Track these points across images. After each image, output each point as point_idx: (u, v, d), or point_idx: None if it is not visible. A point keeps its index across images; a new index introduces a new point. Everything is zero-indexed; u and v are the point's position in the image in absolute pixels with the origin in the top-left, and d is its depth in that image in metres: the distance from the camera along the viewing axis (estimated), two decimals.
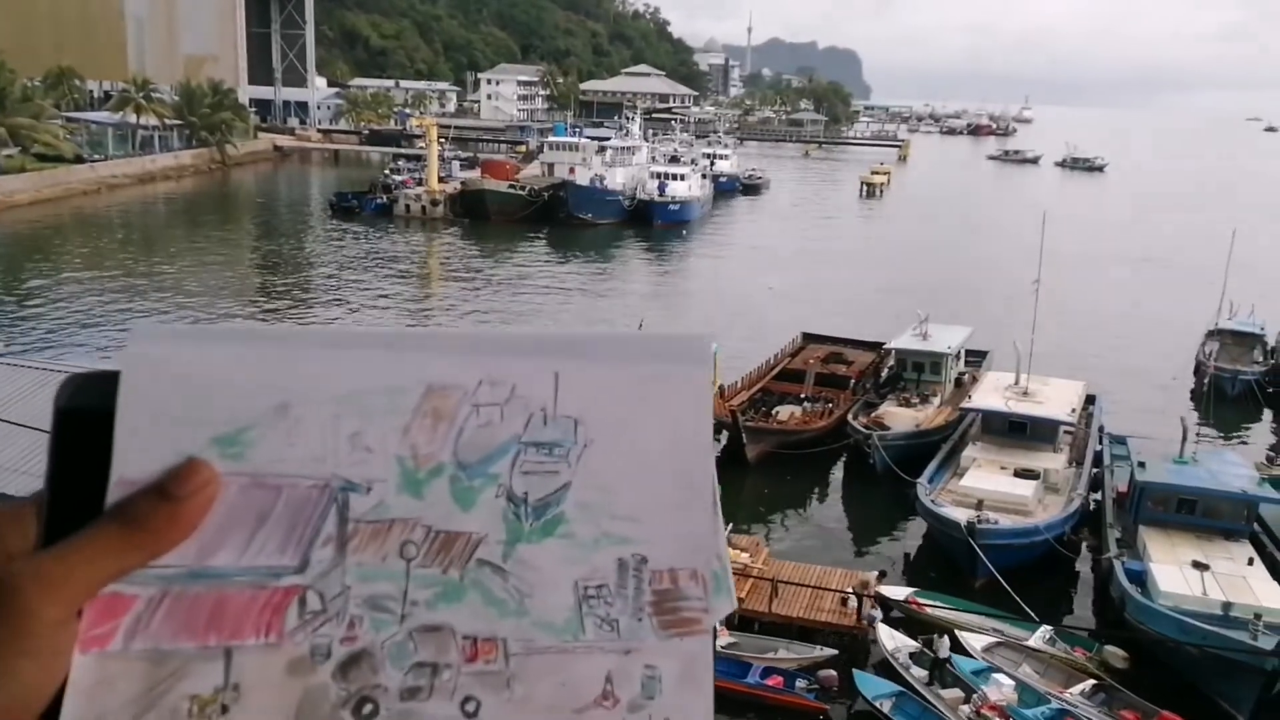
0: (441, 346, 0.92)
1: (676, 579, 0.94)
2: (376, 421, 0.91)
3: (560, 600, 0.93)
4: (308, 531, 0.90)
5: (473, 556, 0.92)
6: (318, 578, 0.90)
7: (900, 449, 34.21)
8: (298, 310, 58.09)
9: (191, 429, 0.88)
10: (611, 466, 0.93)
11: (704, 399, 0.95)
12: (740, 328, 51.40)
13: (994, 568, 26.89)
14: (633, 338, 0.95)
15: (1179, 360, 50.85)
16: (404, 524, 0.91)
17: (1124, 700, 22.90)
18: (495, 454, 0.92)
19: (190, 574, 0.88)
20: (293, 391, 0.89)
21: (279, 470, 0.89)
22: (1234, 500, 28.30)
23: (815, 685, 22.97)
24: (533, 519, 0.93)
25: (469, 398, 0.92)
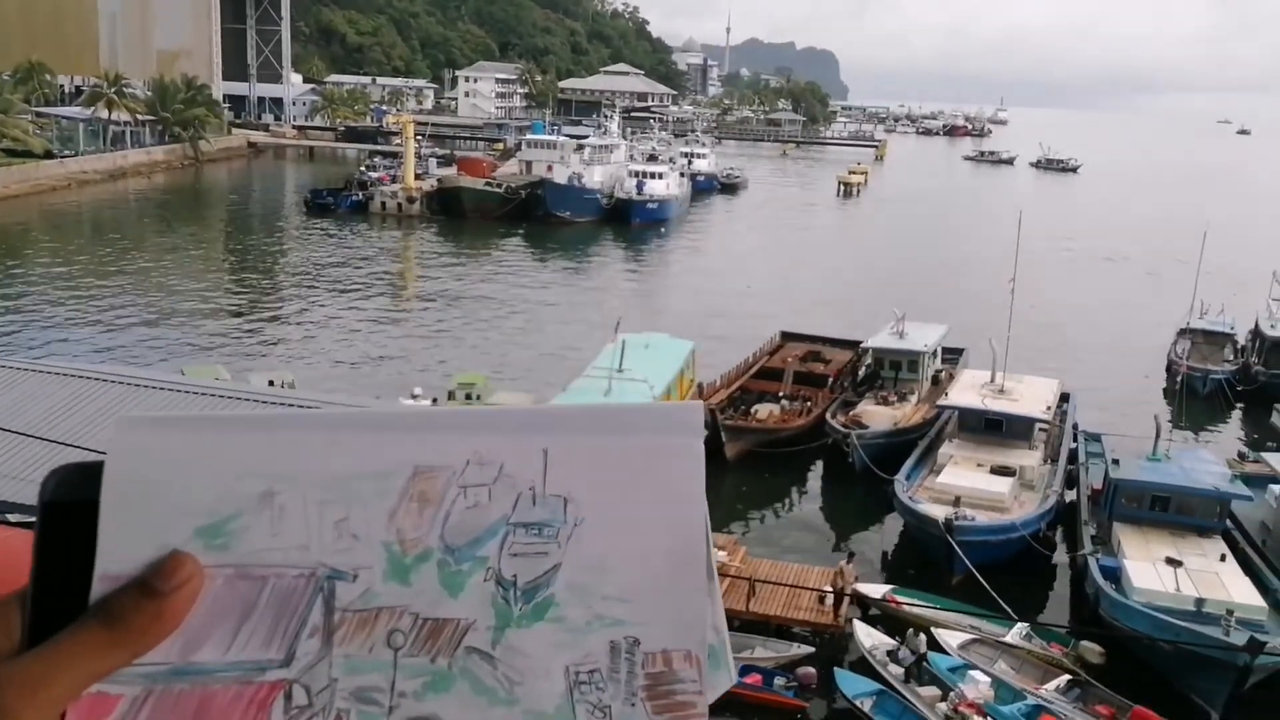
0: (428, 425, 0.90)
1: (670, 661, 0.91)
2: (363, 507, 0.89)
3: (551, 687, 0.90)
4: (294, 623, 0.88)
5: (461, 644, 0.90)
6: (304, 671, 0.88)
7: (878, 447, 34.38)
8: (272, 311, 57.81)
9: (175, 520, 0.86)
10: (602, 545, 0.91)
11: (697, 471, 0.92)
12: (718, 326, 51.57)
13: (971, 564, 27.04)
14: (622, 410, 0.93)
15: (1151, 359, 51.27)
16: (391, 612, 0.89)
17: (1099, 696, 23.10)
18: (483, 536, 0.90)
19: (174, 671, 0.86)
20: (277, 478, 0.88)
21: (264, 560, 0.88)
22: (1206, 497, 28.58)
23: (794, 683, 23.06)
24: (522, 603, 0.90)
25: (456, 478, 0.90)
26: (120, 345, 47.96)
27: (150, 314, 54.06)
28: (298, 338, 51.53)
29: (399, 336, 52.94)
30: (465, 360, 46.89)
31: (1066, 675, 23.72)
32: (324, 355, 48.21)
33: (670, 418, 0.92)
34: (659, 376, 35.63)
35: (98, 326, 51.30)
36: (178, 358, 44.73)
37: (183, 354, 45.98)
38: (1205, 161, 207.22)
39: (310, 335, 52.03)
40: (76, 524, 0.85)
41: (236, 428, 0.88)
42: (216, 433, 0.87)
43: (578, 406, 0.92)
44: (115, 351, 46.44)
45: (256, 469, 0.87)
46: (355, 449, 0.88)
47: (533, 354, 49.06)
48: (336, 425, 0.89)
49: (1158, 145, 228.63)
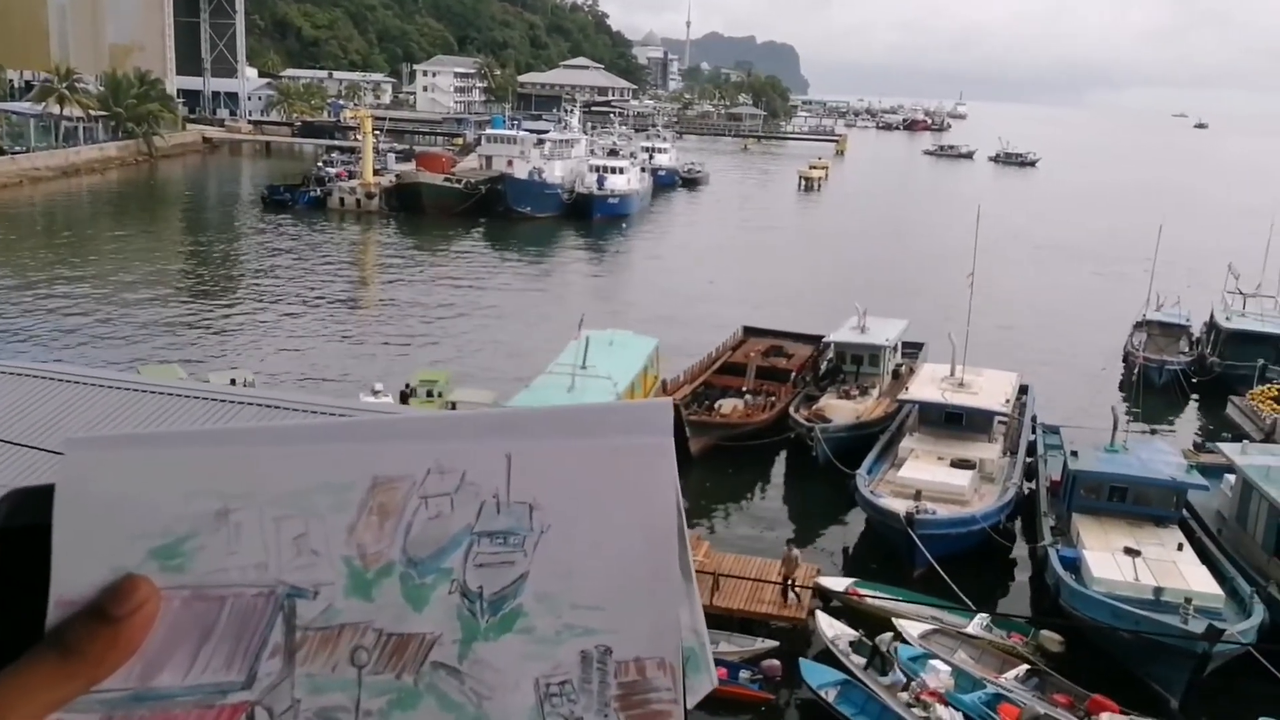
0: (385, 434, 0.88)
1: (644, 669, 0.89)
2: (321, 521, 0.87)
3: (521, 701, 0.88)
4: (254, 643, 0.86)
5: (427, 659, 0.88)
6: (266, 692, 0.86)
7: (841, 441, 34.60)
8: (230, 309, 57.28)
9: (129, 542, 0.85)
10: (570, 552, 0.89)
11: (667, 471, 0.91)
12: (681, 322, 51.65)
13: (932, 557, 27.27)
14: (587, 411, 0.91)
15: (1108, 351, 51.82)
16: (354, 629, 0.87)
17: (1056, 684, 23.37)
18: (447, 547, 0.88)
19: (134, 697, 0.84)
20: (231, 495, 0.86)
21: (222, 580, 0.86)
22: (1163, 487, 28.96)
23: (759, 675, 23.19)
24: (489, 614, 0.88)
25: (417, 489, 0.88)
26: (75, 344, 47.37)
27: (106, 313, 53.40)
28: (257, 336, 51.11)
29: (359, 334, 52.64)
30: (427, 357, 46.70)
31: (1025, 664, 23.98)
32: (284, 353, 47.86)
33: (637, 417, 0.91)
34: (622, 373, 35.66)
35: (51, 325, 50.63)
36: (134, 357, 44.25)
37: (139, 353, 45.48)
38: (1162, 155, 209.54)
39: (270, 333, 51.63)
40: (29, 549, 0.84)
41: (188, 444, 0.87)
42: (168, 450, 0.86)
43: (541, 409, 0.91)
44: (69, 351, 45.88)
45: (210, 486, 0.85)
46: (311, 462, 0.87)
47: (495, 351, 48.94)
48: (290, 438, 0.87)
49: (1116, 140, 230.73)
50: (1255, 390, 44.86)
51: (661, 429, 0.91)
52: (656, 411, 0.91)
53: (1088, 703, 22.22)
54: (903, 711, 21.78)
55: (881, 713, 21.97)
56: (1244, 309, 52.19)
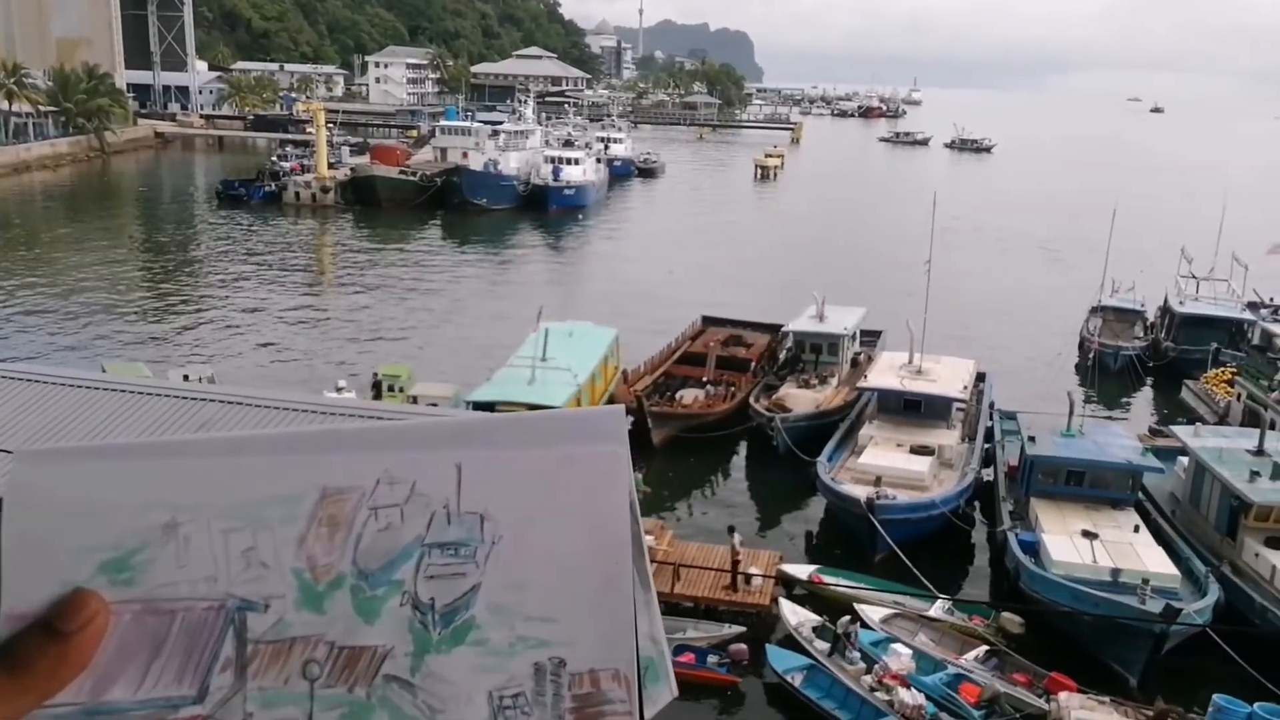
0: (334, 445, 0.88)
1: (598, 681, 0.89)
2: (270, 534, 0.86)
3: (474, 714, 0.88)
4: (205, 657, 0.86)
5: (380, 672, 0.87)
6: (218, 706, 0.86)
7: (801, 430, 34.80)
8: (189, 306, 56.80)
9: (78, 555, 0.84)
10: (523, 563, 0.88)
11: (620, 479, 0.90)
12: (640, 312, 51.70)
13: (893, 542, 27.53)
14: (538, 419, 0.91)
15: (1064, 337, 52.33)
16: (306, 642, 0.87)
17: (1016, 664, 23.71)
18: (398, 559, 0.88)
19: (85, 712, 0.84)
20: (180, 508, 0.86)
21: (172, 593, 0.86)
22: (1120, 471, 29.36)
23: (726, 660, 23.37)
24: (441, 627, 0.88)
25: (367, 499, 0.87)
26: (33, 343, 46.83)
27: (64, 311, 52.78)
28: (217, 332, 50.68)
29: (319, 329, 52.34)
30: (387, 352, 46.50)
31: (984, 645, 24.30)
32: (244, 349, 47.53)
33: (590, 425, 0.90)
34: (582, 364, 35.68)
35: (9, 324, 50.03)
36: (96, 354, 43.83)
37: (99, 351, 45.02)
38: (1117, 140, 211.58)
39: (230, 329, 51.22)
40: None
41: (136, 456, 0.86)
42: (116, 462, 0.86)
43: (492, 417, 0.92)
44: (28, 349, 45.33)
45: (159, 498, 0.85)
46: (259, 473, 0.87)
47: (455, 344, 48.82)
48: (238, 449, 0.87)
49: (1070, 124, 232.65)
50: (1209, 374, 45.50)
51: (615, 437, 0.90)
52: (609, 419, 0.91)
53: (1047, 681, 22.55)
54: (866, 695, 22.01)
55: (846, 696, 22.20)
56: (1197, 293, 52.95)
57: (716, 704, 22.49)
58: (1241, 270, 51.99)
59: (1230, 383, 43.23)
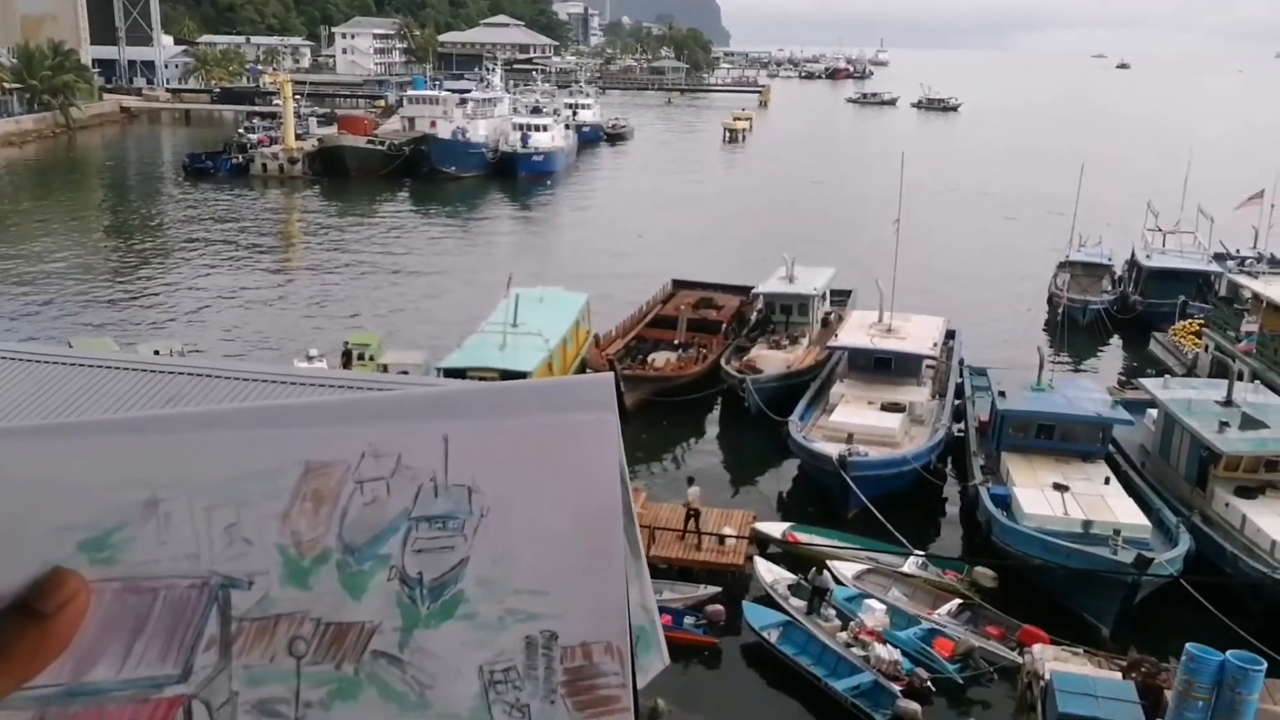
0: (318, 418, 0.86)
1: (590, 654, 0.88)
2: (253, 509, 0.85)
3: (464, 688, 0.87)
4: (189, 635, 0.84)
5: (368, 648, 0.86)
6: (202, 685, 0.85)
7: (772, 390, 34.84)
8: (158, 280, 56.25)
9: (55, 535, 0.82)
10: (512, 535, 0.87)
11: (610, 448, 0.88)
12: (611, 276, 51.56)
13: (865, 498, 27.65)
14: (525, 389, 0.89)
15: (1033, 292, 52.60)
16: (291, 619, 0.85)
17: (988, 617, 23.92)
18: (384, 533, 0.86)
19: (67, 693, 0.82)
20: (160, 485, 0.84)
21: (153, 571, 0.84)
22: (1089, 424, 29.53)
23: (703, 620, 23.45)
24: (429, 601, 0.87)
25: (352, 473, 0.86)
26: (2, 319, 46.31)
27: (30, 287, 52.24)
28: (187, 305, 50.24)
29: (289, 299, 51.98)
30: (358, 321, 46.29)
31: (957, 599, 24.47)
32: (214, 322, 47.16)
33: (578, 393, 0.88)
34: (554, 329, 35.62)
35: None
36: (63, 330, 43.41)
37: (67, 327, 44.58)
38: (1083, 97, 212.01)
39: (200, 302, 50.79)
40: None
41: (113, 432, 0.84)
42: (93, 439, 0.83)
43: (478, 387, 0.89)
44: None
45: (138, 475, 0.83)
46: (240, 448, 0.84)
47: (426, 312, 48.61)
48: (219, 424, 0.84)
49: (1037, 82, 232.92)
50: (1177, 326, 45.84)
51: (603, 405, 0.89)
52: (597, 387, 0.89)
53: (1020, 634, 22.75)
54: (842, 651, 22.14)
55: (822, 652, 22.33)
56: (1164, 247, 53.20)
57: (695, 663, 22.54)
58: (1207, 223, 52.24)
59: (1198, 334, 43.55)
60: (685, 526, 26.32)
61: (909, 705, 20.45)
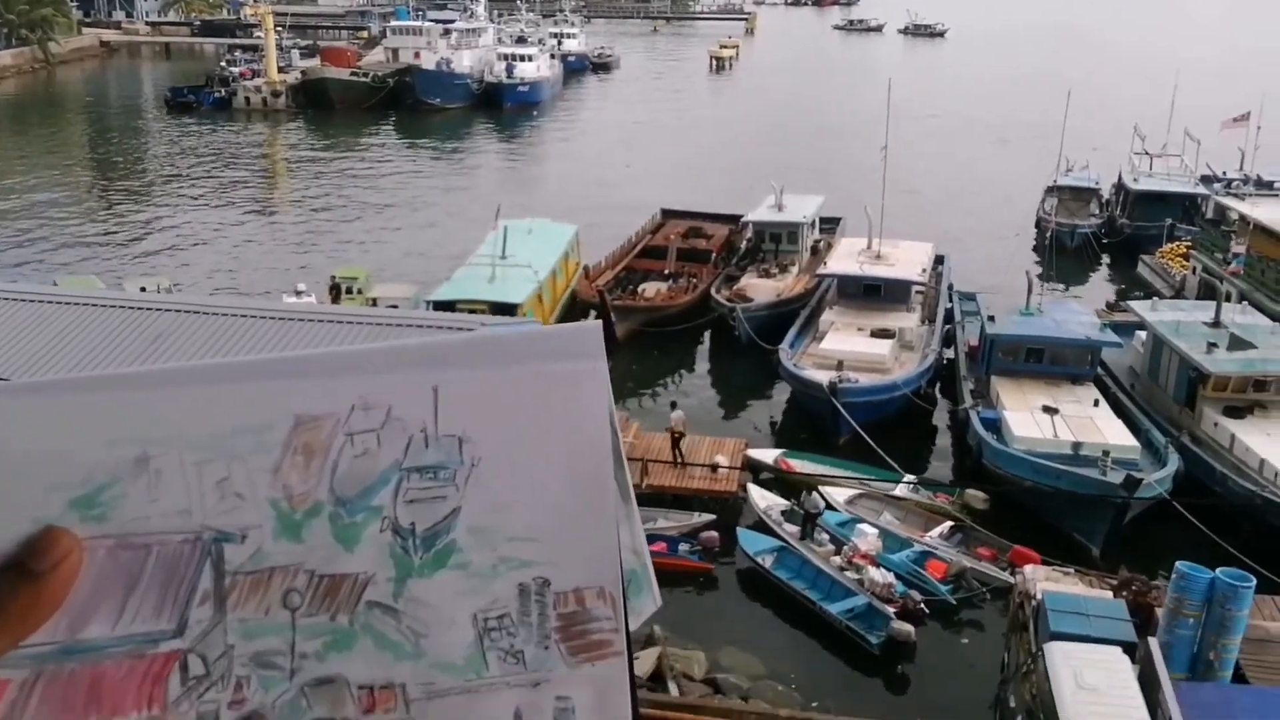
0: (306, 371, 0.85)
1: (583, 600, 0.89)
2: (244, 464, 0.85)
3: (459, 637, 0.88)
4: (183, 590, 0.85)
5: (362, 599, 0.87)
6: (198, 639, 0.85)
7: (762, 319, 34.87)
8: (144, 216, 55.76)
9: (47, 493, 0.82)
10: (504, 484, 0.87)
11: (600, 396, 0.89)
12: (599, 207, 51.29)
13: (856, 424, 27.80)
14: (514, 337, 0.88)
15: (1021, 217, 52.49)
16: (285, 571, 0.86)
17: (980, 538, 24.21)
18: (376, 485, 0.87)
19: (63, 650, 0.83)
20: (149, 441, 0.84)
21: (145, 528, 0.84)
22: (1078, 347, 29.68)
23: (698, 547, 23.68)
24: (422, 551, 0.87)
25: (342, 426, 0.86)
26: None
27: (13, 226, 51.73)
28: (173, 242, 49.86)
29: (275, 234, 51.67)
30: (344, 254, 46.06)
31: (949, 522, 24.72)
32: (200, 258, 46.85)
33: (567, 342, 0.88)
34: (543, 261, 35.50)
35: None
36: (48, 269, 43.12)
37: (52, 265, 44.28)
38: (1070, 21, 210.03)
39: (185, 238, 50.39)
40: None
41: (102, 389, 0.83)
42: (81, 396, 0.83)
43: (467, 337, 0.88)
44: None
45: (127, 432, 0.83)
46: (230, 403, 0.84)
47: (413, 245, 48.37)
48: (207, 378, 0.84)
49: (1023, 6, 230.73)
50: (1164, 248, 45.94)
51: (592, 352, 0.89)
52: (586, 335, 0.89)
53: (1011, 555, 23.04)
54: (836, 575, 22.39)
55: (816, 576, 22.57)
56: (1151, 170, 53.11)
57: (690, 589, 22.79)
58: (1194, 146, 52.14)
59: (1185, 257, 43.66)
60: (673, 450, 26.43)
61: (902, 626, 20.74)
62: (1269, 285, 37.07)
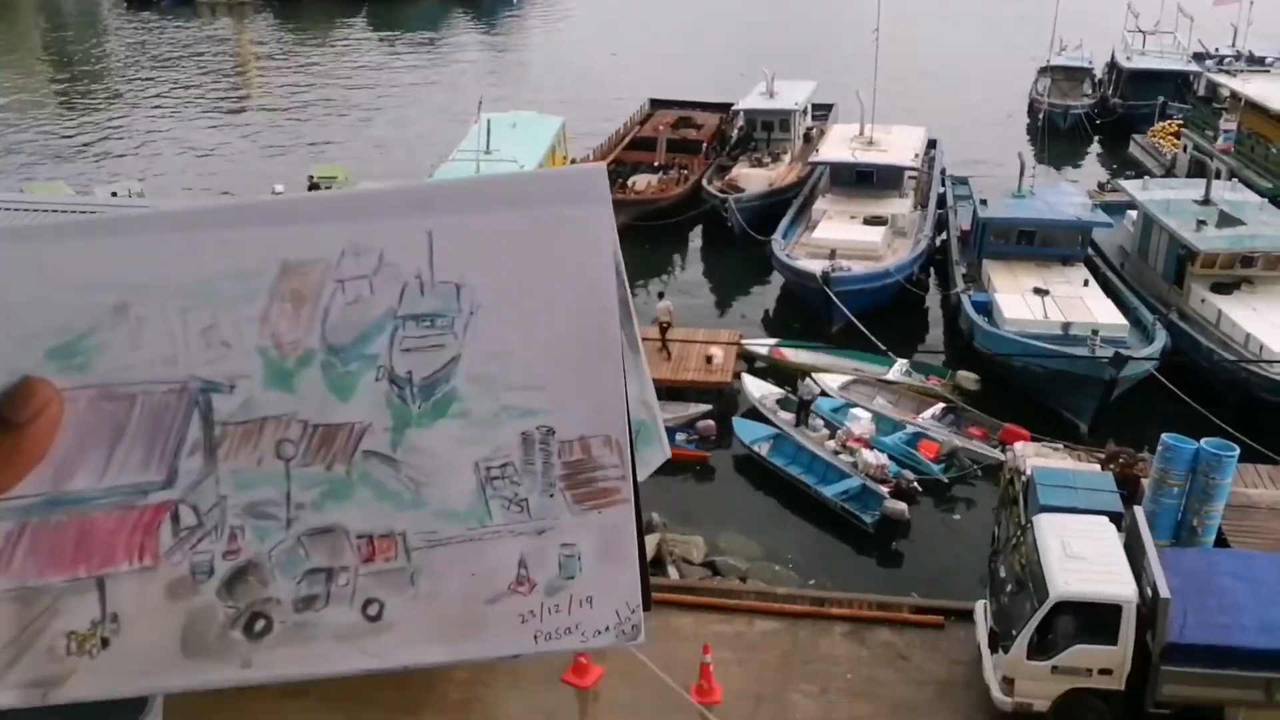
0: (293, 216, 0.83)
1: (588, 448, 0.88)
2: (230, 311, 0.83)
3: (461, 485, 0.87)
4: (171, 441, 0.84)
5: (358, 449, 0.86)
6: (189, 490, 0.85)
7: (755, 210, 34.81)
8: (109, 120, 54.88)
9: (24, 343, 0.81)
10: (505, 332, 0.86)
11: (605, 240, 0.87)
12: (586, 98, 50.81)
13: (849, 312, 27.97)
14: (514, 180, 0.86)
15: (1014, 99, 52.15)
16: (277, 421, 0.85)
17: (971, 418, 24.60)
18: (370, 333, 0.85)
19: (49, 502, 0.83)
20: (129, 287, 0.82)
21: (128, 377, 0.83)
22: (1069, 228, 29.78)
23: (695, 436, 24.03)
24: (421, 400, 0.86)
25: (332, 272, 0.83)
26: None
27: None
28: (141, 145, 49.26)
29: (249, 135, 51.03)
30: (322, 154, 45.63)
31: (941, 403, 25.08)
32: (172, 162, 46.29)
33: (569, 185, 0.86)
34: (529, 155, 35.09)
35: None
36: (12, 177, 42.48)
37: (17, 174, 43.64)
38: None
39: (154, 141, 49.79)
40: None
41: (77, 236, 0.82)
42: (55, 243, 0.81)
43: (463, 180, 0.86)
44: None
45: (105, 279, 0.81)
46: (214, 248, 0.82)
47: (393, 141, 47.93)
48: (189, 223, 0.82)
49: None
50: (1156, 127, 45.77)
51: (597, 197, 0.86)
52: (590, 178, 0.87)
53: (1001, 433, 23.42)
54: (831, 458, 22.77)
55: (812, 461, 22.95)
56: (1143, 48, 52.62)
57: (688, 477, 23.18)
58: (1187, 23, 51.60)
59: (1176, 135, 43.49)
60: (661, 341, 26.59)
61: (896, 505, 21.19)
62: (1259, 162, 37.03)
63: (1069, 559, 14.38)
